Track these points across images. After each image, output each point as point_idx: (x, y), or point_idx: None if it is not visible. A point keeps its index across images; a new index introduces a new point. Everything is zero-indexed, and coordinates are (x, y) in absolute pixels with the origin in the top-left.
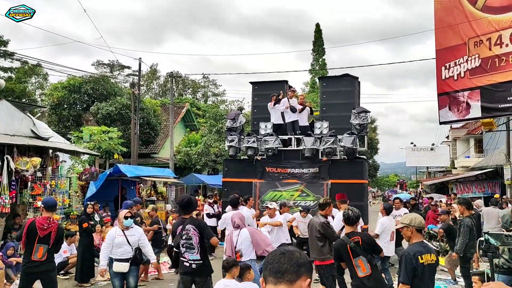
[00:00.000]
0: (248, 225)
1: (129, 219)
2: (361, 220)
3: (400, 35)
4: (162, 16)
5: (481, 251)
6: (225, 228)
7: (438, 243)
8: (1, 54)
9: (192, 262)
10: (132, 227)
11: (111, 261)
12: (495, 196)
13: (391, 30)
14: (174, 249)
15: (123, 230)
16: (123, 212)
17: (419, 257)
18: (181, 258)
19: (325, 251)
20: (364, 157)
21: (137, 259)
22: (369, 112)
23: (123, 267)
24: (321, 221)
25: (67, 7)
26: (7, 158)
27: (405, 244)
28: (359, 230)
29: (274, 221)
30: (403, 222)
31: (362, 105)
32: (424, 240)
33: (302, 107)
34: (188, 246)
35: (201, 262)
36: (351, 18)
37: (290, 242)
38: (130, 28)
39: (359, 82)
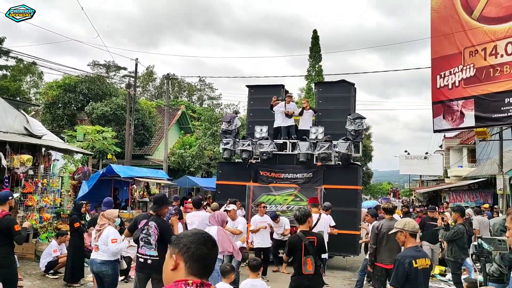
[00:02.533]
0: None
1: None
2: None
3: (393, 45)
4: (158, 19)
5: (474, 255)
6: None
7: None
8: None
9: (148, 257)
10: None
11: (92, 262)
12: (483, 206)
13: (384, 40)
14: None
15: None
16: (115, 212)
17: (413, 261)
18: (136, 254)
19: None
20: (359, 163)
21: None
22: (365, 118)
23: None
24: None
25: (61, 7)
26: None
27: None
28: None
29: (233, 230)
30: (397, 226)
31: (357, 112)
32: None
33: (300, 110)
34: (147, 241)
35: (158, 258)
36: (345, 26)
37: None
38: (125, 30)
39: (355, 88)
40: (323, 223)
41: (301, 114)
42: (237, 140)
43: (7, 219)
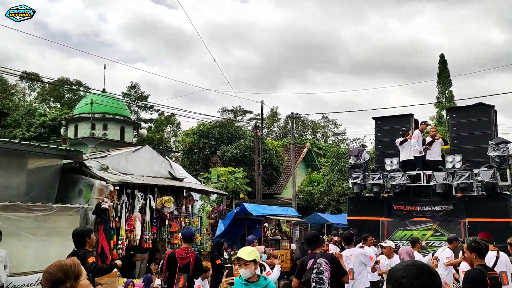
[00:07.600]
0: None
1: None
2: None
3: None
4: (277, 63)
5: None
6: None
7: None
8: (143, 107)
9: None
10: None
11: None
12: None
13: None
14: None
15: None
16: (261, 248)
17: None
18: None
19: None
20: (508, 193)
21: None
22: (510, 142)
23: None
24: None
25: (190, 65)
26: (149, 197)
27: None
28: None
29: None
30: None
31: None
32: None
33: (431, 139)
34: (318, 280)
35: None
36: (470, 47)
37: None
38: (247, 77)
39: (495, 111)
40: (504, 262)
41: (430, 144)
42: (367, 174)
43: (199, 258)
